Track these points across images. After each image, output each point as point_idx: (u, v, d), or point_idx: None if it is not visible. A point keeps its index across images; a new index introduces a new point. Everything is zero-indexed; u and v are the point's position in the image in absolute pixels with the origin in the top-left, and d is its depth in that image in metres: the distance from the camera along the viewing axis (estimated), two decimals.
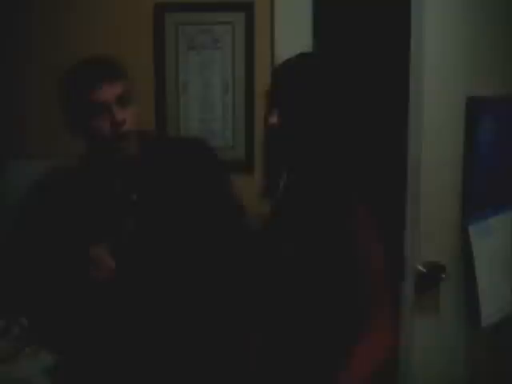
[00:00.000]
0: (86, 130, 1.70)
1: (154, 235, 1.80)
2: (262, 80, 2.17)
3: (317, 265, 1.49)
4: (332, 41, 2.33)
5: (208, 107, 2.22)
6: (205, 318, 1.85)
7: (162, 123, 2.20)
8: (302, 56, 1.62)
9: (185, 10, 2.17)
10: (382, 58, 2.48)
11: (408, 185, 1.89)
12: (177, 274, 1.81)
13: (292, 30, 2.16)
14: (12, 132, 2.24)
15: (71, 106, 1.71)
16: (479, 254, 1.85)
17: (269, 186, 1.65)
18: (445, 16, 1.86)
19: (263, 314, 1.66)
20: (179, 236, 1.81)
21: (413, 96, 1.86)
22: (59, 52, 2.19)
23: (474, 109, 1.84)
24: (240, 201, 1.97)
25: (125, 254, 1.76)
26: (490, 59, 1.87)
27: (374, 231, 1.47)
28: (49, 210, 1.86)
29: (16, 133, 2.24)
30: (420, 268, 1.87)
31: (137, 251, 1.79)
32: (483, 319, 1.90)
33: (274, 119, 1.52)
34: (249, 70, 2.20)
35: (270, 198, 1.67)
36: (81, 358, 1.84)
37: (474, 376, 2.00)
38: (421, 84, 1.84)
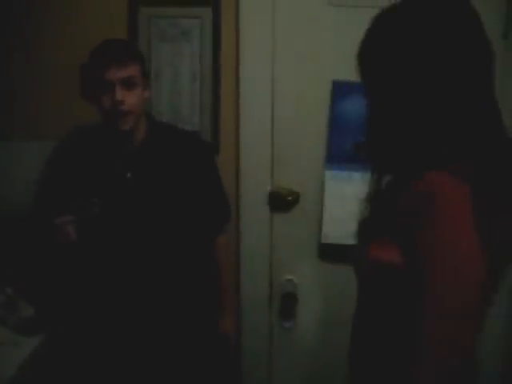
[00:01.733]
0: (96, 103, 1.86)
1: (142, 214, 1.92)
2: (228, 69, 2.31)
3: None
4: None
5: (177, 94, 2.31)
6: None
7: None
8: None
9: (157, 5, 2.25)
10: None
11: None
12: (157, 251, 1.94)
13: (255, 24, 2.27)
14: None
15: (86, 81, 1.90)
16: (329, 192, 2.35)
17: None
18: None
19: None
20: (164, 218, 1.93)
21: None
22: (37, 40, 2.28)
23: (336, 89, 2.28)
24: (226, 195, 2.14)
25: (105, 227, 1.91)
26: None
27: None
28: (55, 170, 2.02)
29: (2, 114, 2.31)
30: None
31: (124, 225, 1.92)
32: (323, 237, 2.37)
33: None
34: (215, 61, 2.29)
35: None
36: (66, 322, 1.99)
37: None
38: None
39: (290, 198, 2.39)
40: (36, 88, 2.31)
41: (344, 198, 2.28)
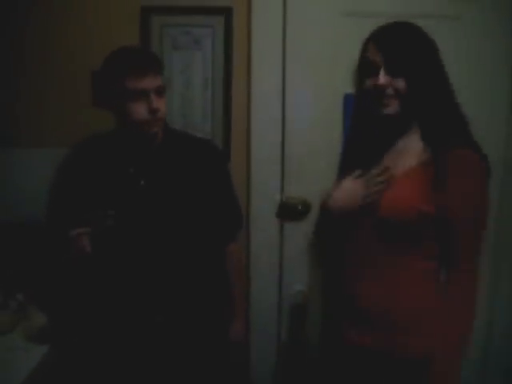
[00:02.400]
0: (124, 112, 1.84)
1: (156, 221, 1.92)
2: (239, 78, 2.32)
3: None
4: None
5: (189, 102, 2.32)
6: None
7: None
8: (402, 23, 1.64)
9: (169, 13, 2.26)
10: None
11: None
12: (170, 260, 1.94)
13: (267, 33, 2.28)
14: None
15: (114, 89, 1.83)
16: None
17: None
18: None
19: None
20: (177, 225, 1.94)
21: None
22: (47, 51, 2.29)
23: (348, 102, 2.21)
24: (239, 202, 2.15)
25: (119, 237, 1.90)
26: None
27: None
28: (68, 178, 2.02)
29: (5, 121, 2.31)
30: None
31: (138, 233, 1.92)
32: None
33: (383, 79, 1.56)
34: (227, 69, 2.30)
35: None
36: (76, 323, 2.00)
37: None
38: None
39: (300, 208, 2.38)
40: (43, 95, 2.32)
41: None
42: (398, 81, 1.56)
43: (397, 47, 1.56)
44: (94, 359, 1.98)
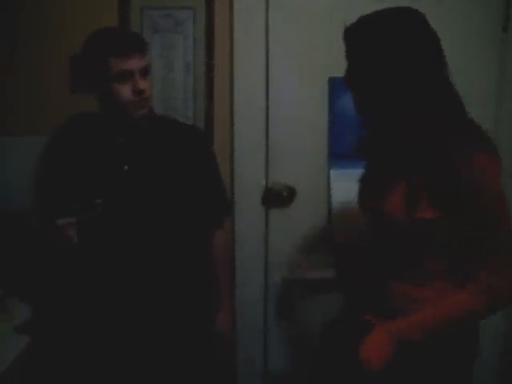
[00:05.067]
0: (108, 94, 1.81)
1: (141, 207, 1.89)
2: (222, 61, 2.28)
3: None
4: None
5: (170, 87, 2.28)
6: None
7: None
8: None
9: None
10: None
11: None
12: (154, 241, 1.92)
13: (249, 16, 2.25)
14: None
15: (98, 71, 1.80)
16: (336, 190, 2.36)
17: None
18: None
19: None
20: (163, 211, 1.91)
21: None
22: (23, 37, 2.23)
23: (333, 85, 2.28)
24: (225, 188, 2.11)
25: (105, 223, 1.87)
26: None
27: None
28: (51, 166, 1.98)
29: None
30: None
31: (123, 220, 1.89)
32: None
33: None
34: (209, 52, 2.26)
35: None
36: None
37: None
38: None
39: (285, 194, 2.36)
40: (25, 82, 2.27)
41: (351, 197, 2.19)
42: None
43: (351, 45, 1.53)
44: (77, 352, 1.96)
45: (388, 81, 1.48)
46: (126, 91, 1.79)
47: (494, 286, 1.47)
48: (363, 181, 1.73)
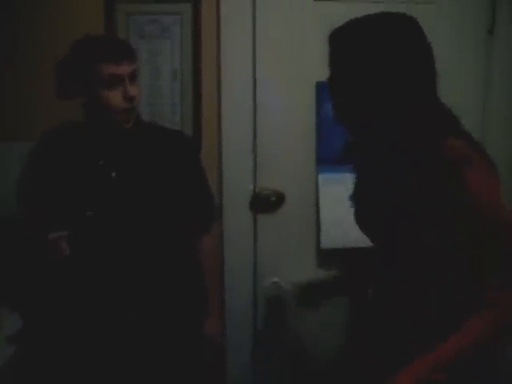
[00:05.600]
0: (98, 100, 1.80)
1: (129, 214, 1.89)
2: (209, 67, 2.27)
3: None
4: None
5: (157, 93, 2.27)
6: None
7: None
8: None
9: (135, 1, 2.20)
10: None
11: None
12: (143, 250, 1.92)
13: (236, 21, 2.24)
14: None
15: (87, 77, 1.80)
16: (324, 195, 2.34)
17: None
18: None
19: None
20: (150, 217, 1.91)
21: None
22: (9, 41, 2.21)
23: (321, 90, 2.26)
24: (212, 194, 2.11)
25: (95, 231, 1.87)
26: None
27: None
28: (38, 175, 1.96)
29: None
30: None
31: (112, 227, 1.89)
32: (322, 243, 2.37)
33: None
34: (196, 58, 2.25)
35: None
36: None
37: None
38: None
39: (274, 199, 2.35)
40: (11, 87, 2.25)
41: (339, 202, 2.14)
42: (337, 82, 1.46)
43: (337, 49, 1.45)
44: (67, 358, 1.94)
45: (373, 88, 1.39)
46: (116, 98, 1.79)
47: (500, 303, 1.35)
48: (355, 199, 1.65)
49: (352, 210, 1.65)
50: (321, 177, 2.34)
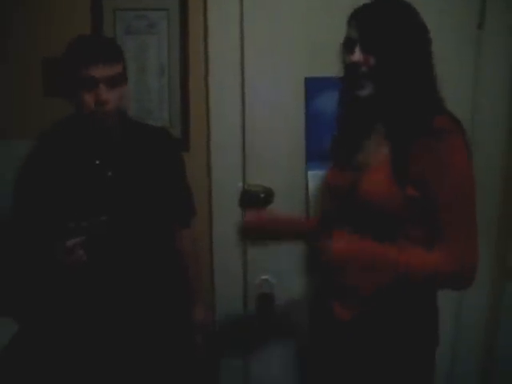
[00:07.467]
0: (76, 101, 1.80)
1: (123, 211, 1.90)
2: (196, 63, 2.26)
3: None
4: None
5: (145, 89, 2.26)
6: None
7: None
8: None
9: None
10: None
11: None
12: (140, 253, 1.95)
13: (223, 16, 2.22)
14: None
15: (68, 77, 1.80)
16: (313, 191, 2.32)
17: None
18: None
19: None
20: (140, 213, 1.93)
21: None
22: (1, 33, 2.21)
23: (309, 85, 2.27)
24: (190, 190, 2.14)
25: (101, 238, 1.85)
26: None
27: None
28: (34, 176, 1.94)
29: None
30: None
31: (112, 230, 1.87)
32: None
33: (357, 56, 1.53)
34: (184, 54, 2.24)
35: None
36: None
37: None
38: None
39: (263, 196, 2.34)
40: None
41: None
42: (371, 58, 1.52)
43: (372, 24, 1.52)
44: (54, 350, 1.97)
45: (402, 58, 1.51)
46: (89, 100, 1.77)
47: (451, 253, 1.49)
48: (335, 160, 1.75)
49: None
50: (310, 173, 2.33)
